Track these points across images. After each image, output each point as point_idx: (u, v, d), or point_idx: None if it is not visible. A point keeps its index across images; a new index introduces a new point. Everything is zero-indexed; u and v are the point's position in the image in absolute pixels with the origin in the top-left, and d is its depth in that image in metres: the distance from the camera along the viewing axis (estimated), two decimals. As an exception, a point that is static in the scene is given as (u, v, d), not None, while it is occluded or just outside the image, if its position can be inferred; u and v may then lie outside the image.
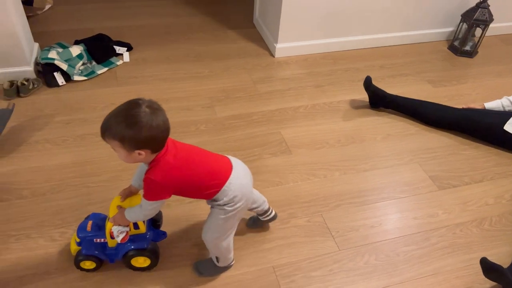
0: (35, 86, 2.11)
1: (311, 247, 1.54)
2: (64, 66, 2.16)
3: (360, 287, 1.43)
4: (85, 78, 2.23)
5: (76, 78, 2.21)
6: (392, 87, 2.30)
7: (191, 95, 2.22)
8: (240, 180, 1.23)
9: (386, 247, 1.57)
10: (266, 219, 1.53)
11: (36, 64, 2.20)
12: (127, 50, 2.46)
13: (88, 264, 1.36)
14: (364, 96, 2.25)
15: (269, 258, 1.49)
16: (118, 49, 2.43)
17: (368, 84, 2.18)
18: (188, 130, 2.00)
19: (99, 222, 1.35)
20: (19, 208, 1.58)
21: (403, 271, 1.50)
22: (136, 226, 1.32)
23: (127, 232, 1.28)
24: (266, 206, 1.50)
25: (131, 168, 1.71)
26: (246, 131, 2.03)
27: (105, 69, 2.31)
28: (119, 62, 2.38)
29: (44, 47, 2.27)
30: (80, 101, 2.10)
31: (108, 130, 1.06)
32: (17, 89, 2.06)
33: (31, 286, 1.35)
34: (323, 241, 1.57)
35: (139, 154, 1.08)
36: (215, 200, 1.22)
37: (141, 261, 1.38)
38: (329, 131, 2.07)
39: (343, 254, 1.53)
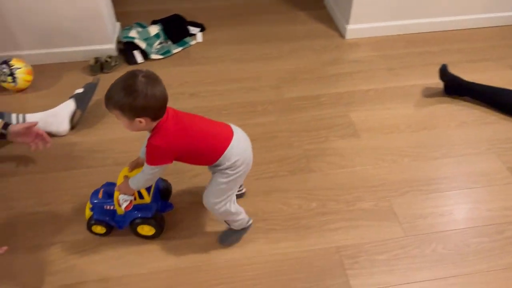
0: (117, 63, 2.26)
1: (376, 231, 1.54)
2: (143, 45, 2.29)
3: (426, 274, 1.41)
4: (161, 56, 2.35)
5: (153, 56, 2.33)
6: (470, 73, 2.17)
7: (259, 76, 2.26)
8: (241, 144, 1.30)
9: (456, 237, 1.52)
10: (238, 193, 1.56)
11: (118, 42, 2.35)
12: (200, 31, 2.55)
13: (99, 229, 1.47)
14: (438, 81, 2.16)
15: (334, 239, 1.51)
16: (192, 30, 2.52)
17: (443, 72, 2.08)
18: (255, 109, 2.05)
19: (110, 190, 1.44)
20: (103, 174, 1.72)
21: (472, 262, 1.45)
22: (141, 196, 1.39)
23: (131, 201, 1.36)
24: None
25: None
26: (313, 112, 2.03)
27: (180, 48, 2.42)
28: (193, 42, 2.47)
29: (125, 26, 2.42)
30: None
31: (109, 100, 1.13)
32: (101, 65, 2.22)
33: (108, 246, 1.48)
34: (389, 226, 1.56)
35: (140, 122, 1.14)
36: (217, 165, 1.28)
37: (146, 230, 1.46)
38: (400, 116, 2.02)
39: (409, 240, 1.51)
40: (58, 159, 1.79)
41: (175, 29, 2.48)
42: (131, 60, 2.29)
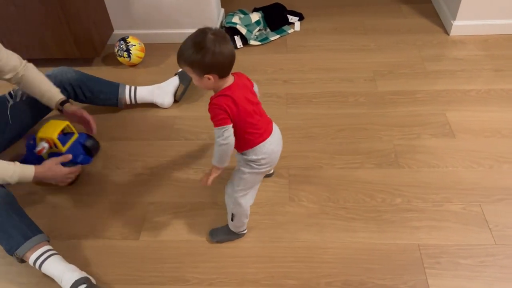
0: (218, 46, 2.40)
1: (463, 234, 1.48)
2: (243, 31, 2.40)
3: (515, 287, 1.34)
4: (259, 43, 2.44)
5: (252, 42, 2.43)
6: None
7: (354, 67, 2.25)
8: (273, 146, 1.31)
9: (555, 254, 1.41)
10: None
11: (221, 27, 2.50)
12: (298, 20, 2.60)
13: None
14: (554, 86, 1.97)
15: (417, 236, 1.49)
16: (291, 18, 2.58)
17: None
18: (347, 100, 2.05)
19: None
20: (199, 147, 1.87)
21: None
22: (55, 146, 1.62)
23: (43, 147, 1.59)
24: None
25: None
26: (407, 108, 1.98)
27: (278, 36, 2.49)
28: (290, 31, 2.53)
29: (228, 12, 2.55)
30: (254, 63, 2.32)
31: (180, 56, 1.17)
32: (204, 48, 2.38)
33: (200, 212, 1.62)
34: (478, 231, 1.48)
35: (208, 78, 1.17)
36: (244, 154, 1.30)
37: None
38: (504, 120, 1.88)
39: (499, 249, 1.43)
40: (162, 130, 1.97)
41: (275, 17, 2.56)
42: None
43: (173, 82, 2.06)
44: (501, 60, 2.21)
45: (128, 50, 2.24)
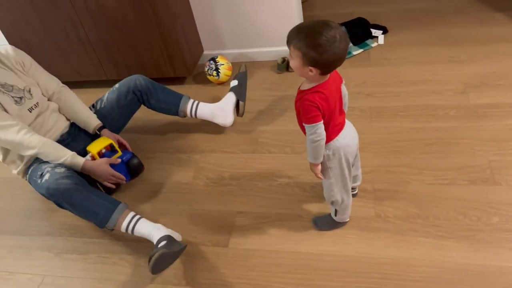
0: (301, 62, 2.46)
1: None
2: (326, 46, 2.43)
3: None
4: (342, 57, 2.46)
5: (334, 57, 2.46)
6: None
7: (443, 79, 2.16)
8: (346, 141, 1.33)
9: None
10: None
11: (304, 43, 2.56)
12: (382, 33, 2.57)
13: None
14: None
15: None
16: (374, 32, 2.56)
17: None
18: (436, 114, 1.98)
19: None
20: (282, 160, 1.93)
21: None
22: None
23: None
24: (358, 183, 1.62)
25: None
26: (504, 122, 1.86)
27: (360, 50, 2.49)
28: (374, 44, 2.51)
29: (311, 29, 2.60)
30: (336, 78, 2.33)
31: (297, 40, 1.13)
32: (287, 64, 2.45)
33: (285, 223, 1.66)
34: None
35: (310, 71, 1.16)
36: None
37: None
38: None
39: None
40: (247, 143, 2.07)
41: (358, 31, 2.56)
42: (314, 60, 2.46)
43: (231, 99, 2.10)
44: None
45: (217, 69, 2.39)
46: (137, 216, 1.63)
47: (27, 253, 1.78)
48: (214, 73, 2.40)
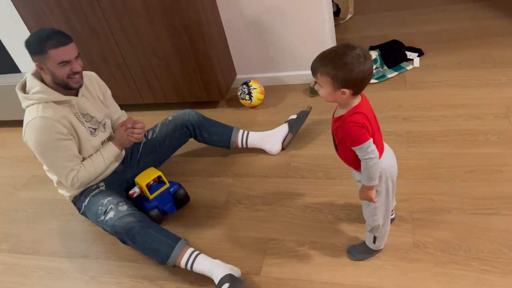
0: (334, 86, 2.45)
1: None
2: (360, 70, 2.41)
3: None
4: (376, 81, 2.42)
5: (368, 80, 2.43)
6: None
7: (483, 103, 2.09)
8: (389, 161, 1.32)
9: None
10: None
11: (337, 67, 2.54)
12: (418, 55, 2.52)
13: None
14: None
15: None
16: (410, 55, 2.52)
17: None
18: (476, 139, 1.90)
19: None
20: (315, 186, 1.90)
21: None
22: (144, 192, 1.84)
23: (135, 191, 1.84)
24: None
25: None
26: (550, 148, 1.77)
27: (395, 73, 2.45)
28: (409, 67, 2.47)
29: (344, 52, 2.59)
30: (371, 101, 2.28)
31: (322, 66, 1.15)
32: (320, 87, 2.45)
33: (319, 252, 1.62)
34: None
35: (343, 93, 1.16)
36: None
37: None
38: None
39: None
40: (279, 167, 2.05)
41: (392, 54, 2.52)
42: (347, 84, 2.44)
43: (283, 130, 2.13)
44: None
45: (250, 93, 2.41)
46: (196, 252, 1.62)
47: (64, 275, 1.81)
48: (247, 97, 2.42)
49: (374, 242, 1.50)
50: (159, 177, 1.87)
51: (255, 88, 2.42)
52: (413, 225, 1.62)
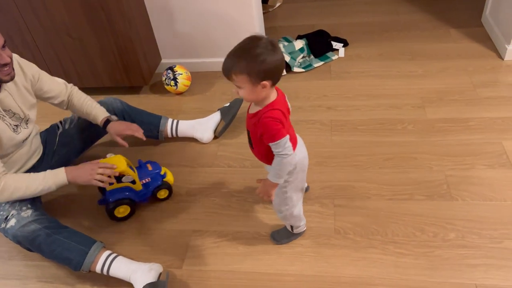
0: (262, 74, 2.42)
1: (526, 275, 1.36)
2: (287, 58, 2.41)
3: None
4: (303, 70, 2.44)
5: (295, 69, 2.44)
6: None
7: (401, 94, 2.18)
8: (302, 154, 1.33)
9: None
10: None
11: (265, 55, 2.52)
12: (343, 46, 2.58)
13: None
14: None
15: (472, 275, 1.38)
16: (335, 45, 2.57)
17: None
18: (394, 128, 1.99)
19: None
20: (242, 174, 1.87)
21: None
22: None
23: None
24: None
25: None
26: (459, 137, 1.89)
27: (321, 63, 2.48)
28: (335, 57, 2.51)
29: (272, 40, 2.58)
30: (297, 90, 2.31)
31: (235, 65, 1.11)
32: (248, 75, 2.41)
33: (243, 241, 1.60)
34: (544, 273, 1.36)
35: (263, 86, 1.12)
36: None
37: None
38: None
39: None
40: (205, 157, 1.99)
41: (319, 43, 2.55)
42: (275, 72, 2.43)
43: (214, 117, 2.07)
44: None
45: (175, 79, 2.31)
46: (112, 256, 1.49)
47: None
48: (172, 82, 2.32)
49: (292, 230, 1.52)
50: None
51: (181, 74, 2.32)
52: (335, 212, 1.64)
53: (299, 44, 2.47)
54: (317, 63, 2.48)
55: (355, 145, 1.92)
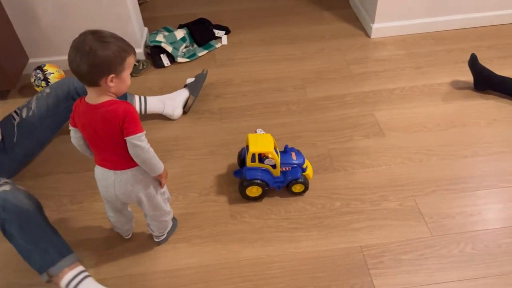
0: (145, 66, 2.33)
1: (401, 230, 1.51)
2: (169, 49, 2.34)
3: (453, 275, 1.38)
4: (187, 60, 2.40)
5: (179, 59, 2.38)
6: (502, 70, 2.10)
7: (284, 77, 2.27)
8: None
9: (486, 237, 1.48)
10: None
11: (145, 46, 2.42)
12: (225, 34, 2.58)
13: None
14: (468, 78, 2.10)
15: (358, 238, 1.50)
16: (217, 33, 2.56)
17: (473, 62, 2.03)
18: (279, 110, 2.06)
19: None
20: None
21: (504, 263, 1.40)
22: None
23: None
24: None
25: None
26: (337, 112, 2.02)
27: (205, 51, 2.46)
28: (218, 45, 2.51)
29: (152, 31, 2.48)
30: (183, 81, 2.24)
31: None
32: (142, 66, 2.30)
33: (136, 243, 1.53)
34: (415, 225, 1.53)
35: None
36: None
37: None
38: (428, 114, 1.98)
39: (436, 240, 1.48)
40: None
41: (201, 32, 2.53)
42: (158, 64, 2.35)
43: (183, 93, 2.04)
44: (420, 58, 2.33)
45: (46, 79, 2.10)
46: (84, 274, 1.33)
47: None
48: (43, 83, 2.10)
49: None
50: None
51: (52, 73, 2.11)
52: (229, 198, 1.66)
53: (180, 33, 2.42)
54: (201, 52, 2.45)
55: (245, 130, 1.94)
